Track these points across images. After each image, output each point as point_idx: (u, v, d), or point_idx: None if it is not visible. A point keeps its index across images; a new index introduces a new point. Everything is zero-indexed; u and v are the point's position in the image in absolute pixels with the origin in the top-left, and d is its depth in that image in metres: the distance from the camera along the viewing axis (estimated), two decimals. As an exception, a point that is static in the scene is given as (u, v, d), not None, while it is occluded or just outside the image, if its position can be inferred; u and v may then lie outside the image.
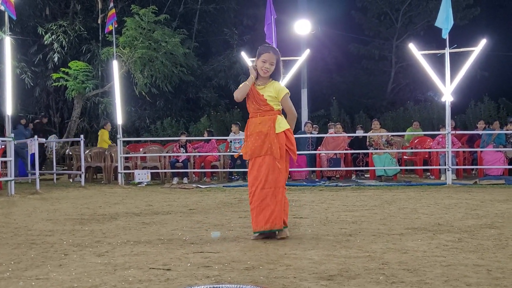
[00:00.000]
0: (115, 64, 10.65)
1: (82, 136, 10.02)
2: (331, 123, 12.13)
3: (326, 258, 3.07)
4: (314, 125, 12.46)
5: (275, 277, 2.64)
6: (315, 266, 2.87)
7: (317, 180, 9.98)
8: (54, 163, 11.53)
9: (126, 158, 10.79)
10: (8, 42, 8.16)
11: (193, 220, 4.87)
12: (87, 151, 11.03)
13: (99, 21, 16.26)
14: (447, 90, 9.01)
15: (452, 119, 9.69)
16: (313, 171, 10.68)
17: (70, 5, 18.32)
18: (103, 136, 12.24)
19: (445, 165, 9.20)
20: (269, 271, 2.77)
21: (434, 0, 20.23)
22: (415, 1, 22.02)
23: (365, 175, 10.83)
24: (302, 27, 13.76)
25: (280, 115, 3.92)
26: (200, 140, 11.27)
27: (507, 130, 10.34)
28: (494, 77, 22.12)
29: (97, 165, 11.03)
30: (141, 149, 11.54)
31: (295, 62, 10.32)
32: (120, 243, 3.69)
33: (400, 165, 10.63)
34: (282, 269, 2.81)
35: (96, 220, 4.98)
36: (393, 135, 11.02)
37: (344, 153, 10.44)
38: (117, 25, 11.47)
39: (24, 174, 10.92)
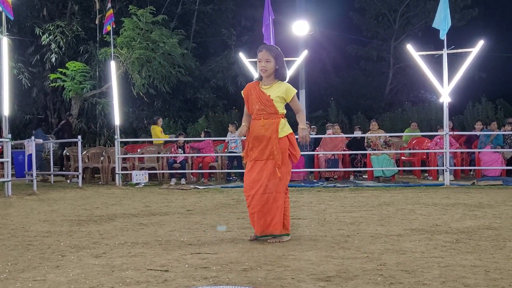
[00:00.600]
0: (113, 65, 10.63)
1: (80, 137, 10.00)
2: (329, 124, 12.14)
3: (324, 259, 3.07)
4: (312, 126, 12.45)
5: (273, 278, 2.64)
6: (313, 267, 2.86)
7: (315, 181, 9.97)
8: (52, 164, 11.50)
9: (124, 159, 10.77)
10: (5, 43, 8.14)
11: (191, 221, 4.86)
12: (85, 152, 11.01)
13: (97, 22, 16.20)
14: (445, 91, 9.02)
15: (450, 120, 9.71)
16: (311, 172, 10.68)
17: (68, 6, 18.28)
18: (156, 132, 11.67)
19: (443, 166, 9.22)
20: (267, 272, 2.76)
21: (432, 1, 20.26)
22: (413, 2, 22.04)
23: (363, 176, 10.84)
24: (300, 28, 13.76)
25: (284, 119, 3.82)
26: (198, 141, 11.25)
27: (505, 131, 10.37)
28: (492, 78, 22.18)
29: (95, 166, 11.01)
30: (139, 150, 11.52)
31: (293, 63, 10.34)
32: (118, 244, 3.68)
33: (398, 166, 10.64)
34: (280, 270, 2.81)
35: (94, 221, 4.97)
36: (391, 136, 11.02)
37: (342, 154, 10.45)
38: (115, 26, 11.46)
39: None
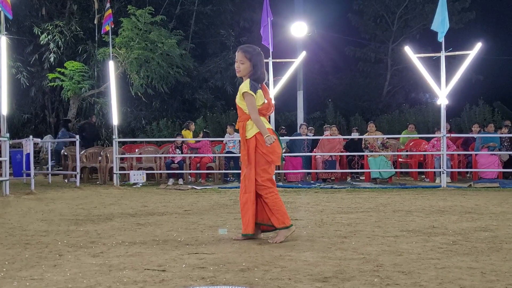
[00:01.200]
0: (111, 65, 10.63)
1: (78, 137, 9.99)
2: (327, 125, 12.16)
3: (321, 260, 3.08)
4: (310, 127, 12.47)
5: (270, 279, 2.65)
6: (310, 268, 2.87)
7: (313, 182, 9.98)
8: (49, 164, 11.48)
9: (122, 159, 10.76)
10: (4, 42, 8.13)
11: (188, 221, 4.87)
12: (83, 152, 11.01)
13: (96, 22, 16.22)
14: (443, 93, 9.04)
15: (447, 122, 9.71)
16: (309, 173, 10.69)
17: (67, 5, 18.28)
18: (188, 137, 11.27)
19: (440, 168, 9.23)
20: (264, 273, 2.77)
21: (430, 4, 20.33)
22: (411, 4, 22.10)
23: (360, 178, 10.85)
24: (299, 29, 13.79)
25: (250, 120, 3.75)
26: (197, 142, 11.24)
27: (502, 134, 10.38)
28: (489, 81, 22.25)
29: (92, 166, 11.00)
30: (137, 150, 11.51)
31: (291, 64, 10.33)
32: (115, 244, 3.68)
33: (395, 168, 10.66)
34: (277, 271, 2.81)
35: (91, 221, 4.97)
36: (389, 138, 11.04)
37: (340, 155, 10.47)
38: (114, 26, 11.45)
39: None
